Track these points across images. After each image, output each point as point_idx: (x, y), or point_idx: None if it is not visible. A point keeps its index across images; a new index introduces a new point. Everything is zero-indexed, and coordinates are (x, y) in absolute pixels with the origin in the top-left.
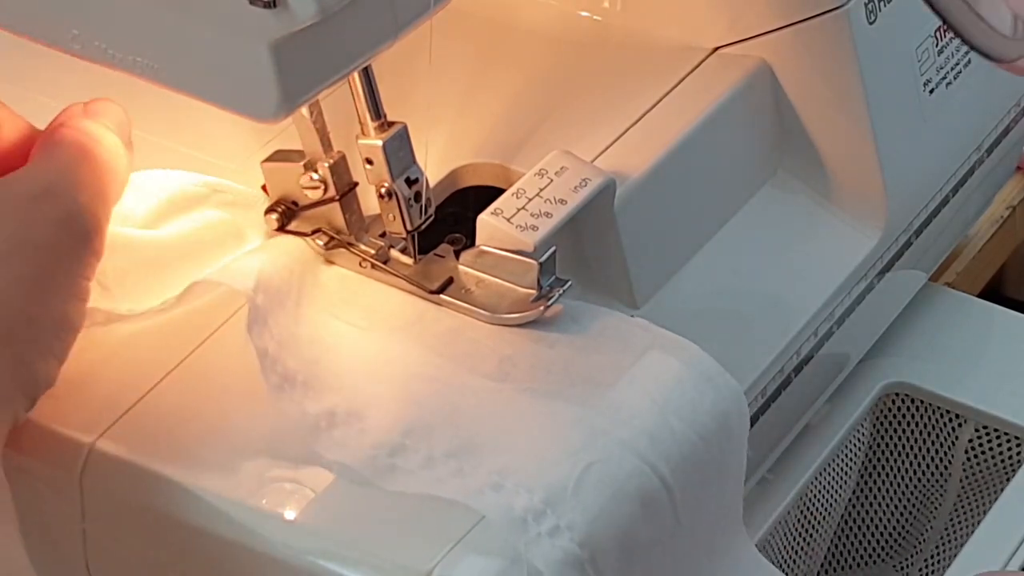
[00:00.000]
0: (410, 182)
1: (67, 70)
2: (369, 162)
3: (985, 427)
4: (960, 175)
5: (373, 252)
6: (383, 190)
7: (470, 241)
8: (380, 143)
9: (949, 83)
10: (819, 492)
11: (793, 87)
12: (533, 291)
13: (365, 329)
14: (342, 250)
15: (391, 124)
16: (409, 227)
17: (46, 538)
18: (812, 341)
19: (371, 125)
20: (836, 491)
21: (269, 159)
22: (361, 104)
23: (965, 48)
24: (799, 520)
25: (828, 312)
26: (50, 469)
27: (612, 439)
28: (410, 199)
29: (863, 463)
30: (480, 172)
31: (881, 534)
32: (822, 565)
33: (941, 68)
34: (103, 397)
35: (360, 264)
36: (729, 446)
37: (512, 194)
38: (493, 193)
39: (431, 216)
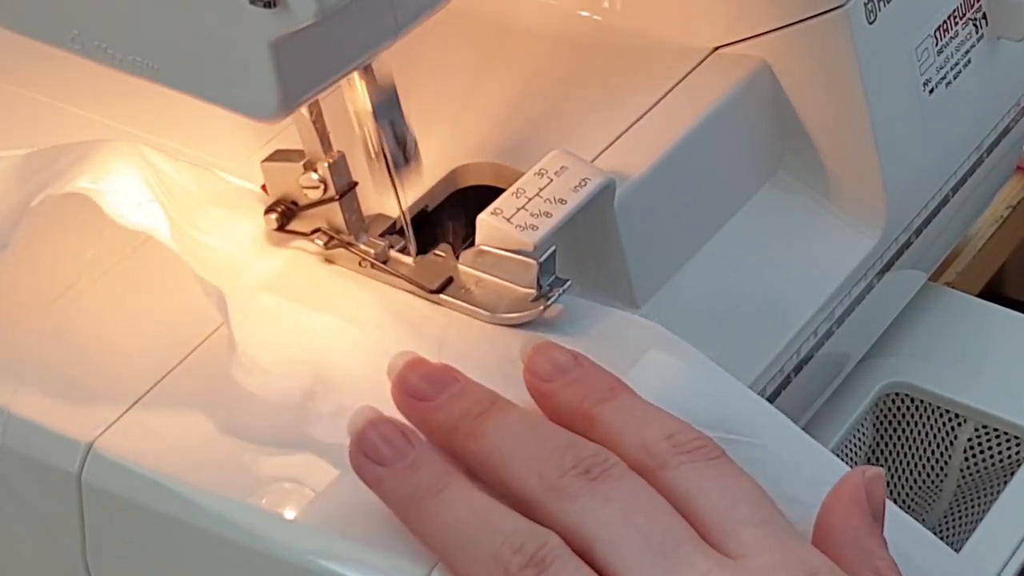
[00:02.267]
0: (398, 140)
1: (67, 70)
2: (357, 120)
3: (984, 427)
4: (960, 175)
5: (373, 252)
6: (371, 147)
7: (470, 241)
8: (370, 105)
9: (949, 83)
10: None
11: (793, 87)
12: (533, 290)
13: (363, 328)
14: (342, 250)
15: (380, 81)
16: (396, 185)
17: (46, 537)
18: (812, 341)
19: (360, 84)
20: None
21: (269, 158)
22: None
23: (965, 48)
24: None
25: (828, 312)
26: (50, 468)
27: None
28: (397, 158)
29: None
30: (480, 172)
31: None
32: None
33: (941, 68)
34: (103, 397)
35: (360, 264)
36: (732, 444)
37: (512, 194)
38: (493, 193)
39: (419, 165)
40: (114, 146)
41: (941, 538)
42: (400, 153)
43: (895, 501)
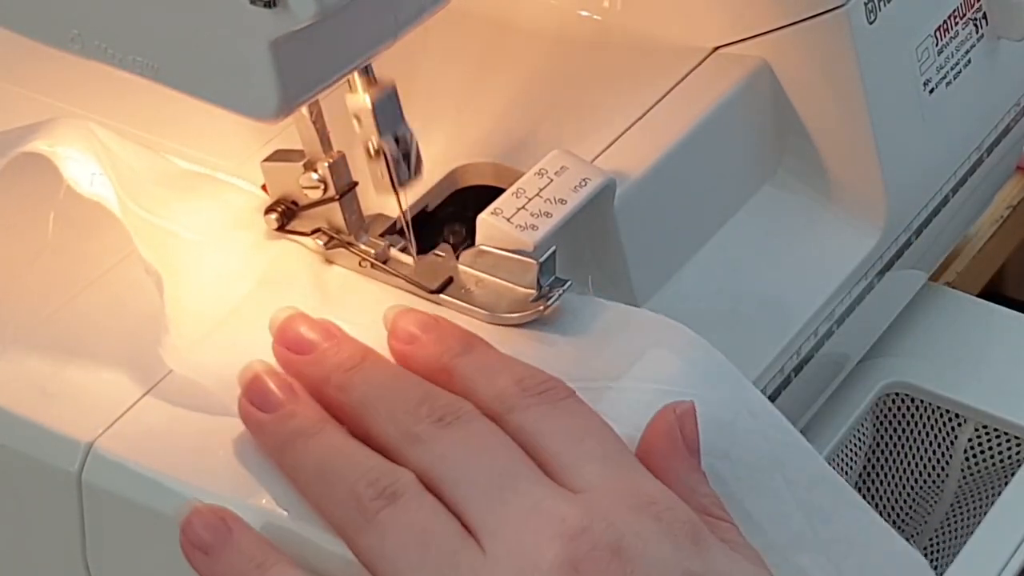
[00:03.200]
0: (398, 140)
1: (67, 70)
2: (357, 120)
3: (985, 427)
4: (960, 175)
5: (373, 252)
6: (371, 148)
7: (470, 241)
8: (370, 101)
9: (949, 83)
10: None
11: (793, 87)
12: (533, 291)
13: (363, 330)
14: (342, 250)
15: (380, 81)
16: (397, 185)
17: (46, 538)
18: (812, 341)
19: (359, 82)
20: None
21: (269, 159)
22: None
23: (965, 48)
24: None
25: (828, 312)
26: (50, 468)
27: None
28: (398, 158)
29: (863, 463)
30: (480, 172)
31: None
32: None
33: (941, 68)
34: (103, 397)
35: (360, 264)
36: (736, 436)
37: (512, 194)
38: (493, 193)
39: (420, 175)
40: (66, 120)
41: (941, 538)
42: (402, 158)
43: (896, 502)
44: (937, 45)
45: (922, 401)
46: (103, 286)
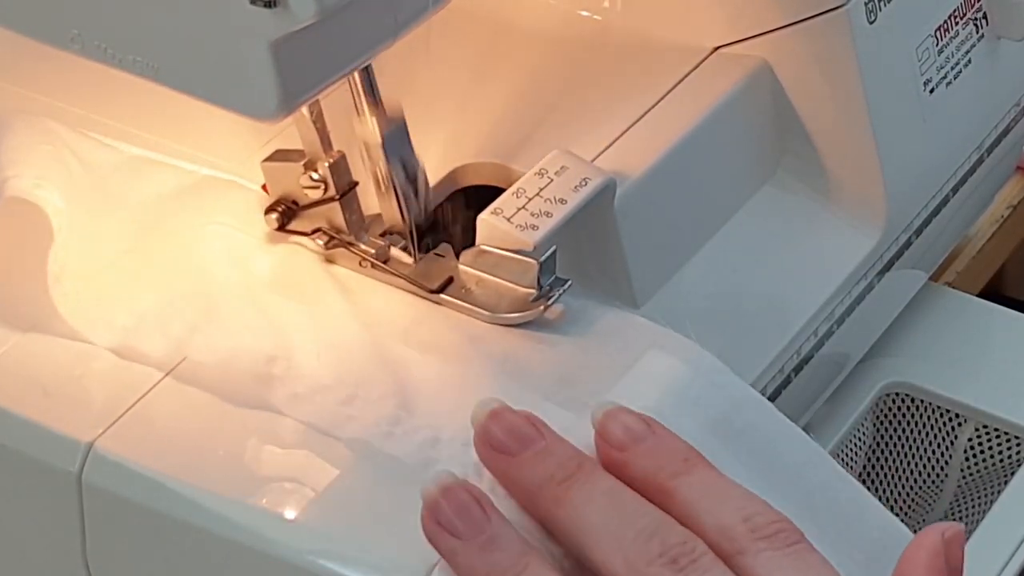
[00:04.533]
0: (408, 174)
1: (67, 70)
2: (368, 153)
3: (985, 427)
4: (960, 175)
5: (373, 252)
6: (381, 183)
7: (470, 241)
8: (380, 138)
9: (949, 83)
10: None
11: (793, 87)
12: (533, 290)
13: (364, 329)
14: (342, 250)
15: (389, 114)
16: (407, 218)
17: (46, 538)
18: (812, 341)
19: (369, 116)
20: None
21: (269, 158)
22: (360, 96)
23: (965, 48)
24: None
25: (828, 312)
26: (50, 468)
27: None
28: (407, 192)
29: (863, 463)
30: (480, 172)
31: None
32: None
33: (941, 68)
34: (103, 397)
35: (360, 264)
36: (734, 444)
37: (512, 194)
38: (493, 193)
39: (431, 215)
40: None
41: None
42: (410, 186)
43: (896, 502)
44: (937, 45)
45: (922, 401)
46: (104, 283)
